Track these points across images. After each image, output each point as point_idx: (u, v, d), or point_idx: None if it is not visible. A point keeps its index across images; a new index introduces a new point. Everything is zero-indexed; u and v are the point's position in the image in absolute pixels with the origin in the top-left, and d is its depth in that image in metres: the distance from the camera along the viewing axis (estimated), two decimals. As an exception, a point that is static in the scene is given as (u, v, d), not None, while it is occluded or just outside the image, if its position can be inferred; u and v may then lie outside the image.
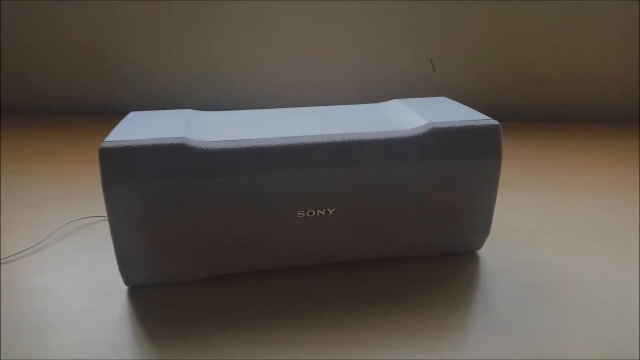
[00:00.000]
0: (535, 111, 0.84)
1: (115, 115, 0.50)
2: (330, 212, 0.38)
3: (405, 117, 0.41)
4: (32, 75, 0.86)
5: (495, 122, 0.39)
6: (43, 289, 0.40)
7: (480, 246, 0.44)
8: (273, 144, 0.36)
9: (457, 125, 0.38)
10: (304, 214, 0.37)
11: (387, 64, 0.82)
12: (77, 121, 0.83)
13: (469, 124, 0.38)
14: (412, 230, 0.40)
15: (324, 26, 0.80)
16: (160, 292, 0.39)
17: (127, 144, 0.34)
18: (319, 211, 0.38)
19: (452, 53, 0.81)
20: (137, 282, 0.39)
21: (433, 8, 0.78)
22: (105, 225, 0.36)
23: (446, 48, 0.80)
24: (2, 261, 0.43)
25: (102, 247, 0.44)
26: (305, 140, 0.36)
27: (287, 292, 0.39)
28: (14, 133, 0.77)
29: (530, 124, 0.82)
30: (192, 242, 0.37)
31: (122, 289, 0.39)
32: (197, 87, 0.85)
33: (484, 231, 0.42)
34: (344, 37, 0.81)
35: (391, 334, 0.35)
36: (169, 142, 0.34)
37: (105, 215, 0.35)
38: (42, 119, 0.84)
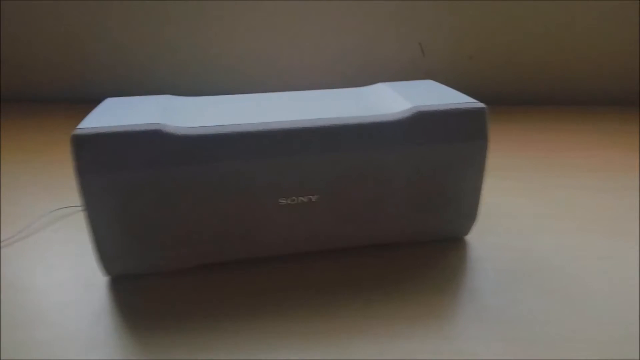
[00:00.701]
0: (527, 94, 0.83)
1: (81, 102, 0.49)
2: (313, 199, 0.37)
3: (390, 101, 0.40)
4: (13, 63, 0.84)
5: (481, 104, 0.38)
6: (21, 280, 0.39)
7: (467, 232, 0.43)
8: (253, 130, 0.35)
9: (442, 108, 0.37)
10: (285, 201, 0.37)
11: (376, 47, 0.80)
12: (58, 109, 0.81)
13: (454, 106, 0.38)
14: (398, 216, 0.39)
15: (310, 9, 0.78)
16: (140, 283, 0.38)
17: (100, 131, 0.32)
18: (301, 198, 0.37)
19: (441, 36, 0.79)
20: (116, 273, 0.38)
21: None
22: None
23: (435, 31, 0.79)
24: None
25: (82, 238, 0.43)
26: (286, 126, 0.35)
27: (271, 281, 0.38)
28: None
29: (521, 107, 0.81)
30: (172, 232, 0.36)
31: (101, 280, 0.38)
32: (179, 72, 0.83)
33: (471, 217, 0.41)
34: (331, 20, 0.79)
35: (376, 322, 0.34)
36: (143, 128, 0.33)
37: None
38: (21, 108, 0.82)
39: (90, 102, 0.45)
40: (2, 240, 0.44)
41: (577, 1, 0.76)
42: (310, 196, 0.37)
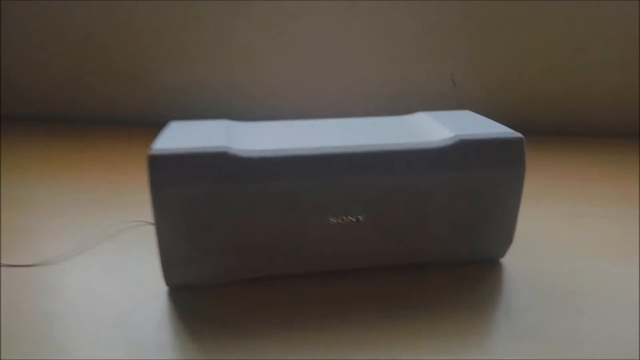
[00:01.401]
0: (556, 124, 0.85)
1: (123, 124, 0.53)
2: (361, 219, 0.40)
3: (432, 129, 0.43)
4: (44, 82, 0.89)
5: (519, 134, 0.41)
6: (87, 290, 0.42)
7: (503, 254, 0.45)
8: (308, 154, 0.38)
9: (483, 137, 0.40)
10: (335, 220, 0.40)
11: (407, 78, 0.84)
12: (84, 130, 0.86)
13: (494, 136, 0.40)
14: (437, 237, 0.42)
15: (345, 40, 0.82)
16: (199, 293, 0.41)
17: (175, 152, 0.36)
18: (350, 217, 0.40)
19: (471, 67, 0.83)
20: (177, 283, 0.41)
21: (452, 23, 0.80)
22: (143, 229, 0.38)
23: (466, 62, 0.82)
24: (49, 263, 0.45)
25: (139, 251, 0.46)
26: (337, 151, 0.38)
27: (317, 295, 0.41)
28: (40, 141, 0.81)
29: (550, 137, 0.83)
30: (231, 245, 0.39)
31: (162, 290, 0.41)
32: (217, 98, 0.88)
33: (508, 240, 0.44)
34: (364, 51, 0.83)
35: (414, 337, 0.36)
36: (213, 150, 0.37)
37: (142, 219, 0.37)
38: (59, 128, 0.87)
39: (143, 125, 0.49)
40: (69, 252, 0.47)
41: (604, 34, 0.79)
42: (358, 216, 0.40)
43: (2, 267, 0.44)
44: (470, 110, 0.50)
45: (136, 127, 0.87)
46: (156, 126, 0.58)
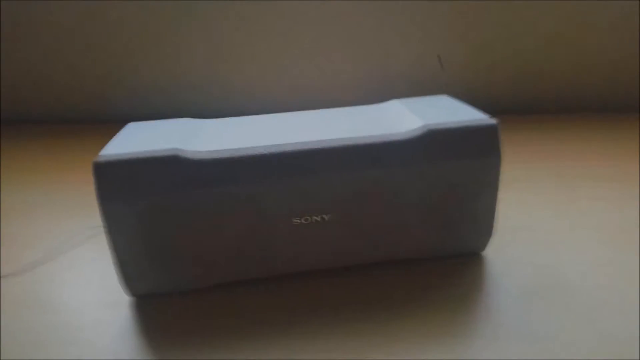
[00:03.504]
0: (546, 102, 0.82)
1: (116, 123, 0.51)
2: (327, 218, 0.38)
3: (402, 118, 0.41)
4: (30, 85, 0.87)
5: (492, 121, 0.38)
6: (48, 301, 0.40)
7: (484, 248, 0.43)
8: (265, 152, 0.36)
9: (453, 125, 0.38)
10: (299, 221, 0.37)
11: (393, 62, 0.81)
12: (74, 130, 0.84)
13: (465, 124, 0.38)
14: (412, 233, 0.40)
15: (325, 25, 0.79)
16: (162, 302, 0.39)
17: (120, 158, 0.34)
18: (314, 217, 0.37)
19: (459, 47, 0.79)
20: (139, 293, 0.39)
21: (438, 3, 0.77)
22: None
23: (453, 43, 0.79)
24: (5, 275, 0.44)
25: (106, 258, 0.45)
26: (297, 147, 0.36)
27: (286, 299, 0.39)
28: (13, 143, 0.79)
29: (542, 116, 0.80)
30: (190, 253, 0.37)
31: (125, 299, 0.40)
32: (195, 92, 0.85)
33: (487, 233, 0.41)
34: (346, 36, 0.80)
35: (391, 339, 0.34)
36: (161, 154, 0.35)
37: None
38: (38, 129, 0.85)
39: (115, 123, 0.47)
40: (30, 262, 0.46)
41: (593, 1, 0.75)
42: (324, 215, 0.38)
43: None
44: (459, 91, 0.47)
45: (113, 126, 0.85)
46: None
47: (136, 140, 0.38)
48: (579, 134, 0.72)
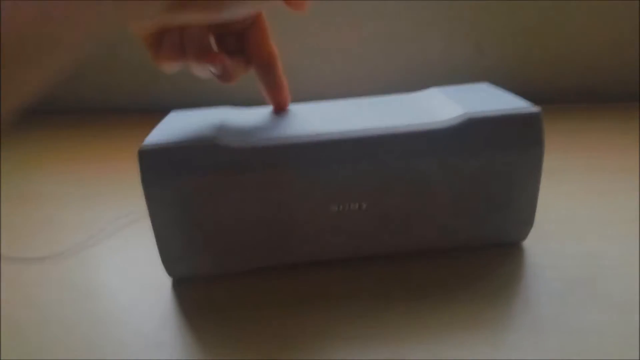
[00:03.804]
0: (587, 91, 0.79)
1: (152, 112, 0.52)
2: (364, 206, 0.38)
3: (442, 106, 0.40)
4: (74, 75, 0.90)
5: (535, 109, 0.37)
6: (91, 283, 0.42)
7: (524, 237, 0.42)
8: (303, 141, 0.36)
9: (494, 114, 0.37)
10: (337, 209, 0.38)
11: (428, 50, 0.79)
12: (117, 120, 0.86)
13: (506, 112, 0.37)
14: (450, 223, 0.39)
15: (357, 10, 0.78)
16: (202, 284, 0.40)
17: (163, 146, 0.35)
18: (351, 205, 0.38)
19: (498, 34, 0.77)
20: (179, 275, 0.41)
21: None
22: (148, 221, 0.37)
23: (493, 29, 0.77)
24: (52, 256, 0.46)
25: (146, 242, 0.46)
26: (334, 137, 0.36)
27: (322, 286, 0.40)
28: (55, 133, 0.82)
29: (582, 105, 0.77)
30: (229, 237, 0.38)
31: (167, 281, 0.41)
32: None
33: (528, 223, 0.40)
34: (383, 24, 0.79)
35: (426, 330, 0.34)
36: (202, 142, 0.35)
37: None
38: (83, 119, 0.88)
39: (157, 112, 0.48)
40: (75, 245, 0.48)
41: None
42: (361, 203, 0.38)
43: (16, 260, 0.45)
44: (499, 80, 0.46)
45: (155, 115, 0.87)
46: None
47: (178, 128, 0.39)
48: (620, 125, 0.69)
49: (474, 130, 0.36)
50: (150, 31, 0.36)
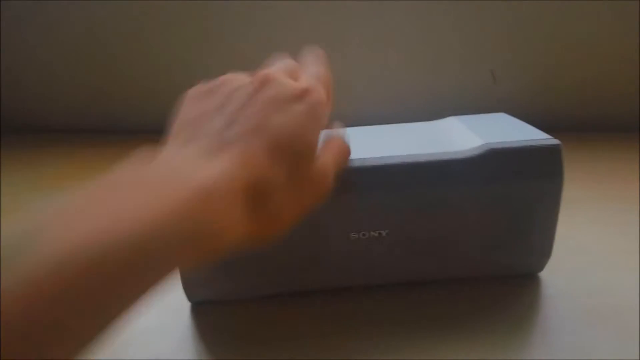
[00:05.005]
0: (603, 121, 0.80)
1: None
2: (384, 234, 0.38)
3: (461, 136, 0.41)
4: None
5: (556, 141, 0.38)
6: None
7: (541, 269, 0.42)
8: (326, 168, 0.36)
9: (515, 145, 0.37)
10: (357, 236, 0.38)
11: (444, 78, 0.81)
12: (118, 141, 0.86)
13: (527, 143, 0.37)
14: (468, 252, 0.40)
15: (375, 39, 0.80)
16: (220, 309, 0.40)
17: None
18: (372, 233, 0.38)
19: (513, 63, 0.78)
20: (199, 299, 0.41)
21: (488, 19, 0.76)
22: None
23: (505, 59, 0.78)
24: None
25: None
26: (357, 164, 0.37)
27: (339, 313, 0.40)
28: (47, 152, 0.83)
29: (597, 135, 0.78)
30: (248, 262, 0.38)
31: (186, 305, 0.41)
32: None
33: (545, 254, 0.41)
34: (398, 52, 0.80)
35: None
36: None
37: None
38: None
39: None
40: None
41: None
42: (381, 231, 0.38)
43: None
44: (512, 109, 0.47)
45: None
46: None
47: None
48: (632, 154, 0.70)
49: (495, 161, 0.37)
50: None
